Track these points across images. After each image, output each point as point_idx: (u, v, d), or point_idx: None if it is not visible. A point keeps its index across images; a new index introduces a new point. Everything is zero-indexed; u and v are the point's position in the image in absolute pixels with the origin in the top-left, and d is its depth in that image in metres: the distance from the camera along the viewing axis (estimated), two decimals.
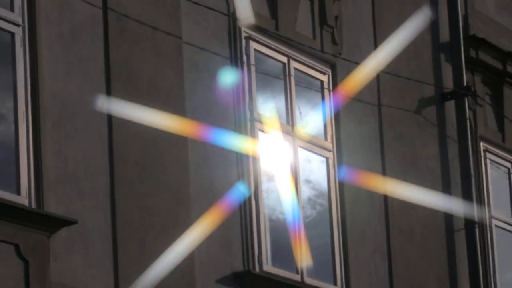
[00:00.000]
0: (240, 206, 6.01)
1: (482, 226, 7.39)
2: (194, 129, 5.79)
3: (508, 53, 7.69)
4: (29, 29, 5.25)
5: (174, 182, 5.68)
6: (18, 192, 5.11)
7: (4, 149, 5.12)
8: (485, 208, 7.47)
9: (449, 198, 7.21)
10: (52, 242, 5.14)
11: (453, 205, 7.21)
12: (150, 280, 5.48)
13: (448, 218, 7.22)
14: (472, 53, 7.49)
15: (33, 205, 5.13)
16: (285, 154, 6.32)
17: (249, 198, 6.05)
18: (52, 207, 5.17)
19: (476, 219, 7.24)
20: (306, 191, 6.46)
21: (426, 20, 7.27)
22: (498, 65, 7.63)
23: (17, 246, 5.01)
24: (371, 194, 6.76)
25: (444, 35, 7.43)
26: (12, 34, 5.20)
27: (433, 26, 7.38)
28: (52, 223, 5.12)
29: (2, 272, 4.97)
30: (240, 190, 5.91)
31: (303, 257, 6.24)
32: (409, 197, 6.88)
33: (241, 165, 6.06)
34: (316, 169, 6.56)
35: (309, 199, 6.50)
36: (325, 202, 6.55)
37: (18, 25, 5.24)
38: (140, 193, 5.53)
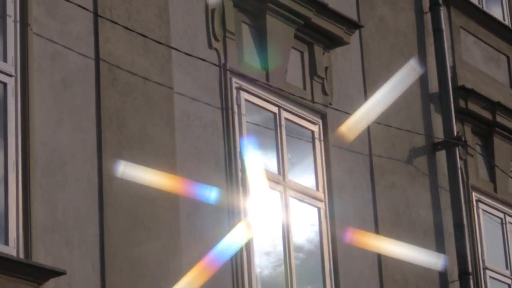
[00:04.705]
0: (232, 257, 5.92)
1: (476, 277, 7.31)
2: (184, 185, 5.72)
3: (497, 103, 7.66)
4: (21, 80, 5.22)
5: (165, 232, 5.61)
6: (6, 242, 5.01)
7: None
8: (478, 259, 7.40)
9: (442, 249, 7.10)
10: None
11: (446, 255, 7.11)
12: None
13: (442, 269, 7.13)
14: (462, 103, 7.46)
15: (21, 255, 5.04)
16: (276, 205, 6.25)
17: (241, 249, 5.95)
18: (41, 257, 5.07)
19: (470, 270, 7.16)
20: (298, 242, 6.36)
21: (415, 71, 7.25)
22: (487, 115, 7.61)
23: None
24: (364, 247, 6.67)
25: (433, 85, 7.42)
26: (5, 84, 5.17)
27: (422, 77, 7.36)
28: (40, 274, 5.02)
29: None
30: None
31: None
32: (402, 254, 6.75)
33: (232, 216, 5.97)
34: (308, 219, 6.47)
35: (301, 250, 6.40)
36: (318, 252, 6.45)
37: (10, 76, 5.21)
38: (130, 243, 5.44)
